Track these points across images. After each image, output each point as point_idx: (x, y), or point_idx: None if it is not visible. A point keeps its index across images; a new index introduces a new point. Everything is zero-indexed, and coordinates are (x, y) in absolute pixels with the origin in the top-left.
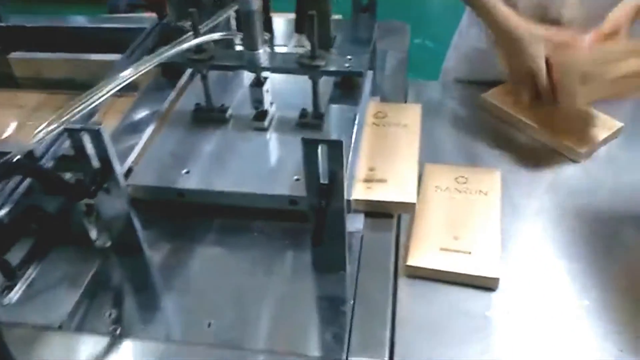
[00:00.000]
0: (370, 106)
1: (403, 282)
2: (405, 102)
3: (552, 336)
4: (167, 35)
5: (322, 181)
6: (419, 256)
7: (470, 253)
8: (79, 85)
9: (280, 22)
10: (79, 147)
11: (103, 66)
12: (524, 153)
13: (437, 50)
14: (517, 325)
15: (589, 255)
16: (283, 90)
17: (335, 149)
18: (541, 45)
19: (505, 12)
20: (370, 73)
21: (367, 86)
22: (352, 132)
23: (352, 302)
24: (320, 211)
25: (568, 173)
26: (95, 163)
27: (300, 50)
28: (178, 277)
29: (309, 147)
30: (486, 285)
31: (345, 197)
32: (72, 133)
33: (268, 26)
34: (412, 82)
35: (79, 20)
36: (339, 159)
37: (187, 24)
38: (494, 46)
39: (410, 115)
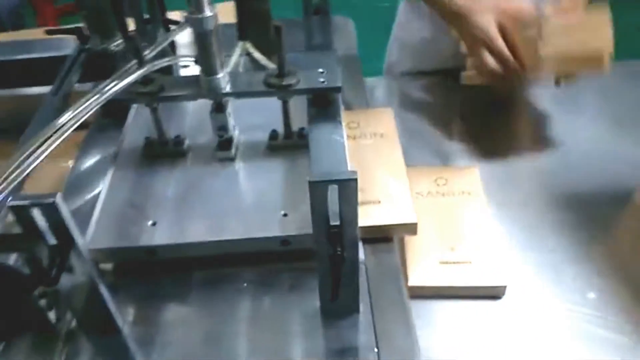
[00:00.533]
0: None
1: None
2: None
3: (565, 337)
4: (94, 62)
5: (331, 223)
6: (420, 274)
7: (470, 262)
8: None
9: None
10: (27, 224)
11: (23, 102)
12: (495, 144)
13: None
14: (527, 332)
15: (578, 243)
16: (243, 109)
17: (348, 189)
18: (490, 15)
19: None
20: None
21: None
22: (346, 158)
23: (376, 350)
24: (337, 260)
25: (543, 159)
26: (51, 239)
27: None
28: (165, 353)
29: (318, 189)
30: (493, 294)
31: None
32: (18, 210)
33: None
34: None
35: None
36: (352, 198)
37: (113, 45)
38: (440, 32)
39: (384, 121)
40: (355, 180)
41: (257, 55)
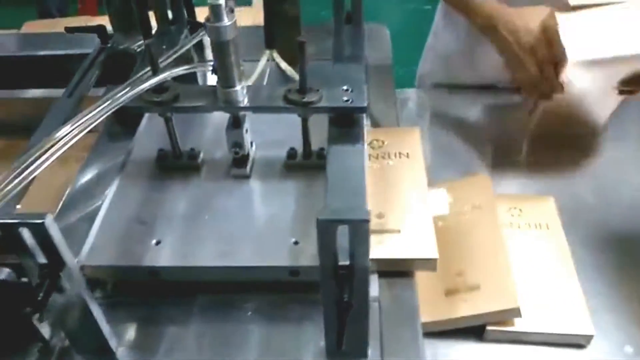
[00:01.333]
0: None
1: None
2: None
3: None
4: (115, 63)
5: (340, 263)
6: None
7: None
8: (10, 131)
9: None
10: (15, 242)
11: (39, 106)
12: (531, 170)
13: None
14: None
15: (619, 288)
16: (261, 124)
17: (360, 230)
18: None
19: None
20: None
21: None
22: (365, 187)
23: None
24: (343, 307)
25: (586, 191)
26: (41, 258)
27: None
28: None
29: (327, 228)
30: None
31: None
32: (5, 228)
33: None
34: None
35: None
36: (364, 240)
37: (136, 45)
38: (477, 44)
39: (410, 141)
40: (367, 221)
41: (284, 65)
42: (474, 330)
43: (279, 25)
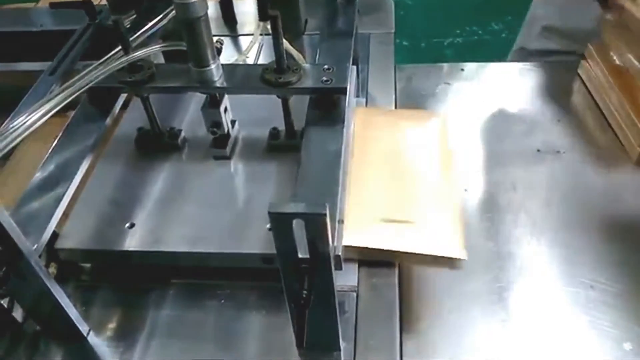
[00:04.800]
0: (357, 114)
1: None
2: (395, 95)
3: None
4: (102, 39)
5: (300, 255)
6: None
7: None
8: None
9: (245, 4)
10: None
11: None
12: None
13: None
14: None
15: (618, 281)
16: (246, 102)
17: (316, 224)
18: None
19: None
20: (353, 70)
21: (351, 93)
22: (339, 175)
23: None
24: (300, 304)
25: (589, 174)
26: None
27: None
28: None
29: (280, 222)
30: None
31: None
32: None
33: (229, 11)
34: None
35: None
36: (322, 235)
37: (129, 20)
38: None
39: (434, 125)
40: (324, 215)
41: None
42: None
43: None
